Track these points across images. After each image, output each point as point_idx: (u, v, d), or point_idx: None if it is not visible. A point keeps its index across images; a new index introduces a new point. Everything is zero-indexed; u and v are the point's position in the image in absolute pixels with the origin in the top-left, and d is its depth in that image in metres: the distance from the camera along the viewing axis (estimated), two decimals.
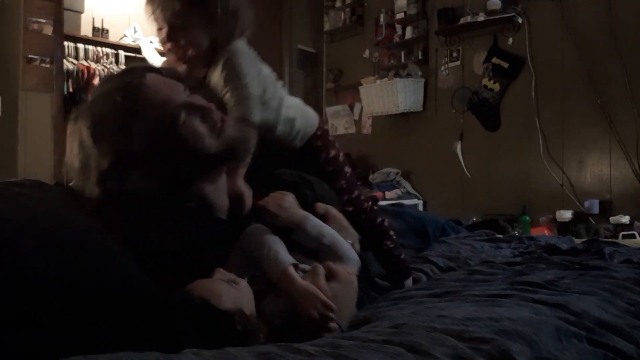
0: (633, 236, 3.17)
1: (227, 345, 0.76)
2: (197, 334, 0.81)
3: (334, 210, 1.27)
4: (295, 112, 1.44)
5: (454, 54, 4.49)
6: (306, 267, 1.07)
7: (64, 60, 4.19)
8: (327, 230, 1.18)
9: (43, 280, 0.72)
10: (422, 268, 1.61)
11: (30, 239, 0.75)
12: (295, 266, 1.03)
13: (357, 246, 1.24)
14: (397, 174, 4.76)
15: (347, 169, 1.53)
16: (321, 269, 1.05)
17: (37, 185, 1.00)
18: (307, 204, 1.23)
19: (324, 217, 1.23)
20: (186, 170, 1.05)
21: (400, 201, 4.21)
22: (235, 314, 0.87)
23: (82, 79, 4.45)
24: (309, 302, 0.97)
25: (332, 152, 1.51)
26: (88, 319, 0.73)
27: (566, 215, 3.65)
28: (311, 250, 1.15)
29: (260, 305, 0.96)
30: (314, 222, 1.16)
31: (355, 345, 0.77)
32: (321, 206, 1.26)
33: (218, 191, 1.12)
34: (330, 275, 1.06)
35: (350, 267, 1.14)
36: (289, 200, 1.17)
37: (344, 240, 1.18)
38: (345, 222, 1.27)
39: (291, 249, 1.08)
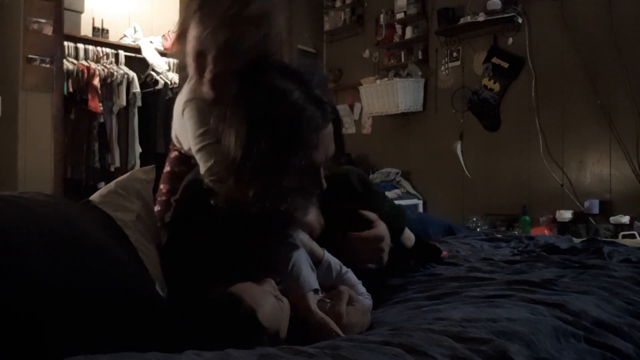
0: (633, 236, 3.17)
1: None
2: (228, 335, 0.82)
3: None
4: None
5: (454, 54, 4.49)
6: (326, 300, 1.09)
7: (64, 60, 4.19)
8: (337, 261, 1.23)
9: (51, 282, 0.72)
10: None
11: (36, 242, 0.76)
12: (316, 291, 1.05)
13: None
14: (397, 174, 4.76)
15: None
16: (345, 295, 1.08)
17: (37, 194, 1.01)
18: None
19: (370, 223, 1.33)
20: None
21: (400, 201, 4.21)
22: (271, 333, 0.87)
23: (82, 79, 4.45)
24: (323, 334, 0.98)
25: None
26: (99, 321, 0.74)
27: (566, 215, 3.65)
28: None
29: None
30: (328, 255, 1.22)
31: (355, 346, 0.77)
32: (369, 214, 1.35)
33: None
34: (350, 301, 1.08)
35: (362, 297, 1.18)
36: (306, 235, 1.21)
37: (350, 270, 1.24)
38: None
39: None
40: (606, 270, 1.35)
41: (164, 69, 5.23)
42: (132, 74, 4.80)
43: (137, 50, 5.03)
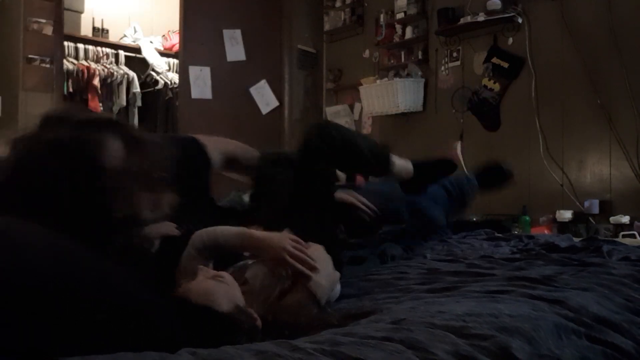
0: (633, 236, 3.17)
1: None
2: (204, 339, 0.82)
3: None
4: None
5: (454, 54, 4.49)
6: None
7: (64, 60, 4.19)
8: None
9: (49, 282, 0.72)
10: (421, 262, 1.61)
11: (36, 242, 0.76)
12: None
13: None
14: None
15: None
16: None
17: None
18: None
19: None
20: None
21: None
22: (235, 312, 0.87)
23: (82, 79, 4.46)
24: (280, 242, 1.00)
25: None
26: (91, 325, 0.74)
27: (566, 215, 3.65)
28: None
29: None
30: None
31: (355, 342, 0.77)
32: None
33: None
34: None
35: None
36: None
37: None
38: None
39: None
40: (605, 268, 1.35)
41: (164, 69, 5.24)
42: (132, 74, 4.81)
43: (137, 50, 5.03)
